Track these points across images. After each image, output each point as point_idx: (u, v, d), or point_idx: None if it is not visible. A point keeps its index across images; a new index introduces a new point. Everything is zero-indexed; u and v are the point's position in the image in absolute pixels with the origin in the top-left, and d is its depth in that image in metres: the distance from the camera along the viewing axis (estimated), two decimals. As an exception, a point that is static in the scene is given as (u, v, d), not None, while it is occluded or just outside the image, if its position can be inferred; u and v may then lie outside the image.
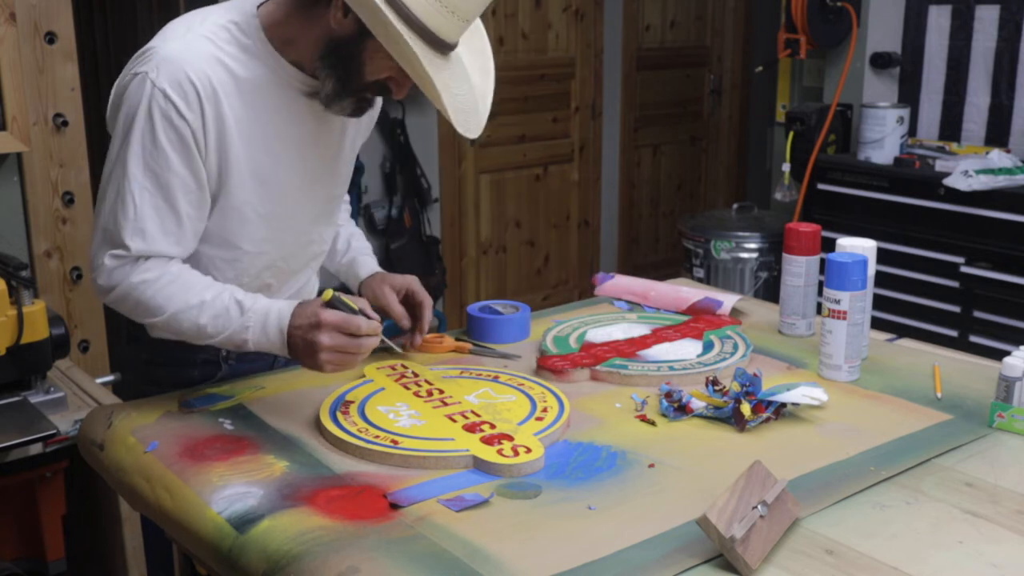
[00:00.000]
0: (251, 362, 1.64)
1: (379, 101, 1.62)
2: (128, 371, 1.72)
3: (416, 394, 1.52)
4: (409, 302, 1.69)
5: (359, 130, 1.66)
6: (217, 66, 1.42)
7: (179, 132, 1.40)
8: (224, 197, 1.48)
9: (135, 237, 1.42)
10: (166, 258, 1.46)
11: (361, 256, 1.77)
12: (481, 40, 1.52)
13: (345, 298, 1.43)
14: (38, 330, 1.93)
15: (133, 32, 4.43)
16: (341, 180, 1.66)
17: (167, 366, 1.65)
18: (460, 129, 1.40)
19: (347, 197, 1.81)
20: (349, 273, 1.77)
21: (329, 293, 1.43)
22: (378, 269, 1.75)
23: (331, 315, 1.41)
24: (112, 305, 1.49)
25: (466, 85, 1.43)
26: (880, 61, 3.63)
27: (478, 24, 1.50)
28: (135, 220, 1.42)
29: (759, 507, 1.10)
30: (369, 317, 1.43)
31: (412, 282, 1.69)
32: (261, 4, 1.47)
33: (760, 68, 4.25)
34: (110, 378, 2.31)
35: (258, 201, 1.51)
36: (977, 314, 3.18)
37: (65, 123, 2.60)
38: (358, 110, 1.49)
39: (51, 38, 2.56)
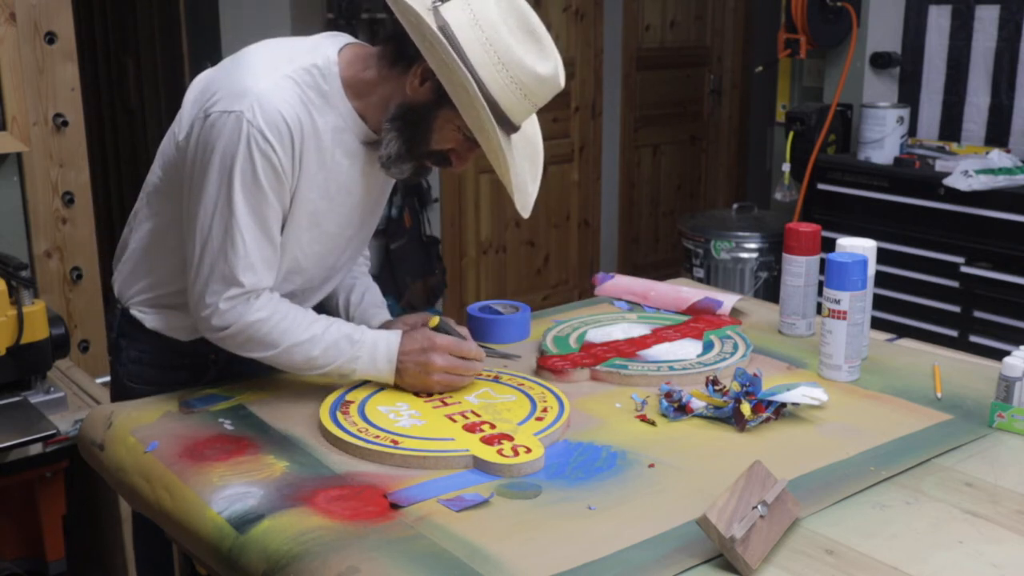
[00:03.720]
0: (240, 364, 1.64)
1: None
2: (116, 368, 1.71)
3: (416, 394, 1.52)
4: None
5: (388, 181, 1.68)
6: (303, 109, 1.44)
7: (275, 170, 1.42)
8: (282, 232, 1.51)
9: (247, 273, 1.45)
10: (269, 291, 1.49)
11: (370, 312, 1.75)
12: (534, 127, 1.57)
13: (452, 324, 1.55)
14: (38, 330, 1.93)
15: (133, 32, 4.43)
16: (376, 221, 1.69)
17: (156, 366, 1.65)
18: (521, 207, 1.50)
19: (367, 253, 1.84)
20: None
21: (436, 320, 1.53)
22: (380, 321, 1.73)
23: (444, 338, 1.49)
24: (219, 341, 1.51)
25: (521, 165, 1.49)
26: (880, 61, 3.63)
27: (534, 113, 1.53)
28: (245, 256, 1.44)
29: (759, 507, 1.10)
30: (473, 342, 1.54)
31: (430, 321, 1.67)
32: (344, 47, 1.49)
33: (760, 68, 4.25)
34: (110, 378, 2.31)
35: (307, 241, 1.53)
36: (977, 314, 3.18)
37: (65, 123, 2.60)
38: (415, 175, 1.52)
39: (51, 38, 2.56)
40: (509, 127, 1.42)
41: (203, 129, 1.43)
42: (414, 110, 1.43)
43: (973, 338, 3.18)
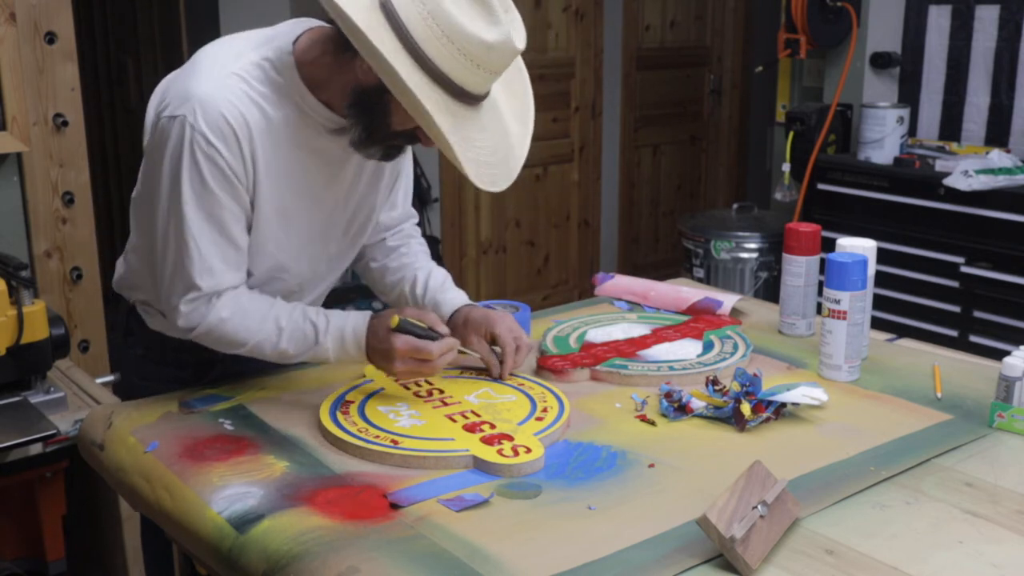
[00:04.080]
0: (245, 363, 1.64)
1: None
2: (123, 365, 1.72)
3: (416, 394, 1.52)
4: (496, 343, 1.64)
5: (392, 163, 1.63)
6: (251, 106, 1.42)
7: (223, 172, 1.41)
8: (251, 231, 1.50)
9: (203, 276, 1.45)
10: (234, 289, 1.49)
11: (440, 296, 1.72)
12: (522, 83, 1.53)
13: (412, 317, 1.49)
14: (38, 330, 1.93)
15: (133, 32, 4.43)
16: (367, 209, 1.65)
17: (161, 364, 1.65)
18: (480, 183, 1.38)
19: (416, 231, 1.81)
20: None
21: (396, 319, 1.47)
22: (458, 305, 1.69)
23: (402, 343, 1.46)
24: (195, 340, 1.51)
25: (496, 136, 1.42)
26: (880, 61, 3.63)
27: (520, 66, 1.50)
28: (200, 260, 1.44)
29: (759, 507, 1.10)
30: (440, 334, 1.49)
31: (495, 324, 1.63)
32: (298, 38, 1.47)
33: (760, 68, 4.25)
34: (110, 378, 2.31)
35: (283, 237, 1.52)
36: (977, 314, 3.18)
37: (65, 123, 2.60)
38: (387, 156, 1.50)
39: (51, 38, 2.56)
40: (469, 98, 1.36)
41: (155, 134, 1.44)
42: (368, 94, 1.39)
43: (973, 338, 3.18)
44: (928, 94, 3.62)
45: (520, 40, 1.36)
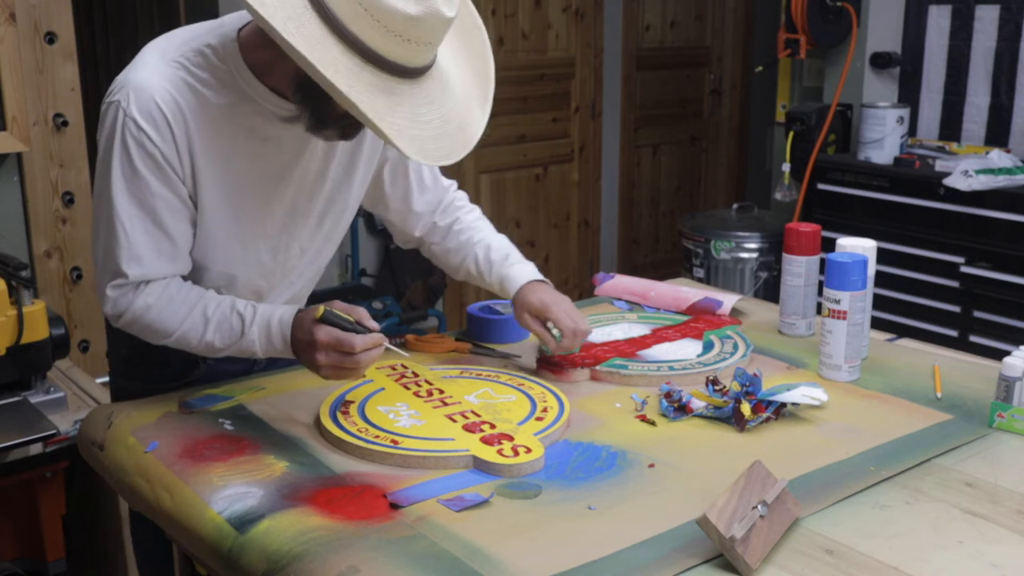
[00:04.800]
0: (230, 362, 1.63)
1: None
2: (111, 365, 1.72)
3: (416, 394, 1.52)
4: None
5: (372, 143, 1.60)
6: (188, 92, 1.41)
7: (153, 157, 1.40)
8: (199, 220, 1.48)
9: (131, 264, 1.43)
10: (165, 279, 1.47)
11: (505, 271, 1.71)
12: (480, 40, 1.47)
13: (339, 311, 1.42)
14: (38, 330, 1.93)
15: (133, 32, 4.43)
16: (340, 202, 1.61)
17: (144, 364, 1.64)
18: (427, 159, 1.33)
19: (461, 199, 1.77)
20: (503, 295, 1.72)
21: (321, 310, 1.41)
22: (523, 283, 1.68)
23: (325, 334, 1.40)
24: (123, 328, 1.50)
25: (444, 105, 1.36)
26: (880, 61, 3.63)
27: (476, 24, 1.46)
28: (128, 247, 1.43)
29: (759, 507, 1.10)
30: (368, 328, 1.42)
31: (549, 310, 1.63)
32: (244, 26, 1.45)
33: (760, 68, 4.25)
34: (109, 376, 2.31)
35: (232, 225, 1.50)
36: (977, 314, 3.18)
37: (65, 123, 2.60)
38: (345, 135, 1.45)
39: (51, 38, 2.56)
40: (407, 72, 1.30)
41: (99, 121, 1.45)
42: (308, 80, 1.32)
43: (973, 338, 3.18)
44: (928, 94, 3.62)
45: (449, 7, 1.29)
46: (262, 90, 1.43)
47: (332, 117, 1.39)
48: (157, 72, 1.41)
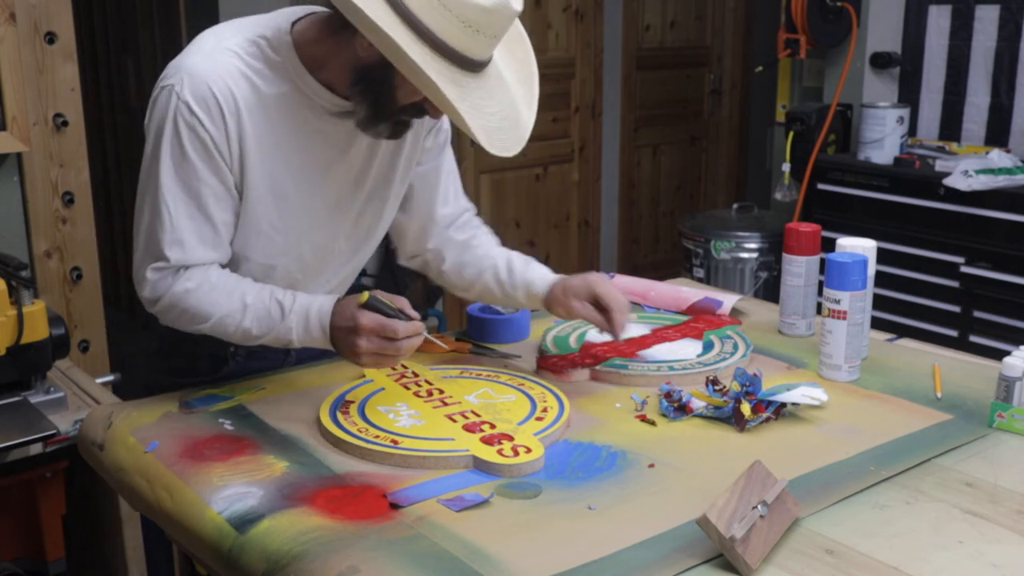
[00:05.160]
0: (259, 360, 1.64)
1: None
2: (137, 360, 1.71)
3: (416, 394, 1.52)
4: (599, 305, 1.62)
5: (412, 144, 1.62)
6: (241, 80, 1.42)
7: (203, 143, 1.41)
8: (242, 210, 1.49)
9: (174, 247, 1.44)
10: (205, 265, 1.47)
11: (530, 275, 1.70)
12: (524, 47, 1.50)
13: (383, 297, 1.43)
14: (38, 330, 1.93)
15: (133, 32, 4.43)
16: (378, 200, 1.62)
17: (176, 357, 1.65)
18: (493, 149, 1.37)
19: (479, 222, 1.78)
20: (529, 301, 1.71)
21: (366, 295, 1.43)
22: (552, 279, 1.67)
23: (368, 319, 1.41)
24: (159, 315, 1.50)
25: (503, 101, 1.41)
26: (880, 61, 3.63)
27: (520, 31, 1.49)
28: (172, 231, 1.43)
29: (759, 507, 1.10)
30: (409, 317, 1.43)
31: (595, 285, 1.62)
32: (297, 20, 1.47)
33: (760, 68, 4.25)
34: (110, 378, 2.31)
35: (276, 216, 1.51)
36: (977, 314, 3.18)
37: (65, 123, 2.60)
38: (395, 133, 1.48)
39: (51, 38, 2.56)
40: (472, 65, 1.35)
41: (149, 106, 1.45)
42: (371, 71, 1.38)
43: (973, 338, 3.18)
44: (928, 94, 3.62)
45: (517, 1, 1.34)
46: (314, 84, 1.45)
47: (388, 112, 1.42)
48: (212, 59, 1.41)
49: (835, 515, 1.20)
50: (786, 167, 3.70)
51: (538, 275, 1.69)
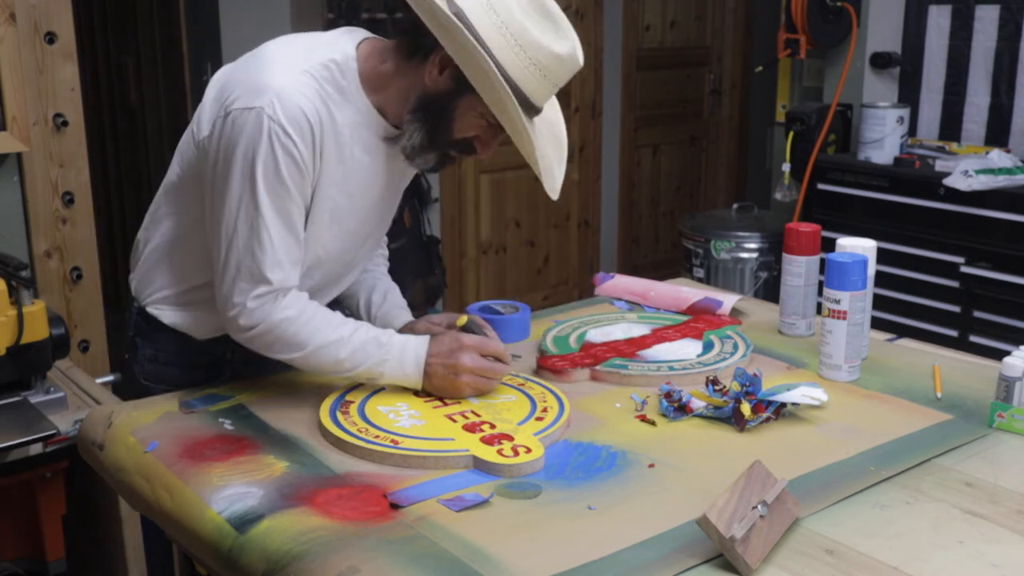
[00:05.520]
0: (255, 364, 1.64)
1: None
2: (130, 369, 1.71)
3: (416, 394, 1.52)
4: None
5: (409, 172, 1.65)
6: (321, 104, 1.43)
7: (297, 165, 1.41)
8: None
9: (275, 269, 1.43)
10: (296, 290, 1.48)
11: (395, 310, 1.72)
12: (554, 109, 1.57)
13: (479, 323, 1.52)
14: (38, 330, 1.93)
15: (133, 32, 4.43)
16: (392, 215, 1.68)
17: (172, 365, 1.65)
18: (547, 188, 1.49)
19: (383, 243, 1.81)
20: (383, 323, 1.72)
21: (464, 319, 1.50)
22: (406, 321, 1.70)
23: (471, 338, 1.48)
24: (247, 342, 1.49)
25: (547, 148, 1.49)
26: (880, 61, 3.63)
27: (553, 96, 1.52)
28: (272, 253, 1.43)
29: (759, 507, 1.10)
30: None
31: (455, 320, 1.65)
32: (361, 42, 1.48)
33: (760, 68, 4.25)
34: (110, 378, 2.31)
35: (328, 238, 1.52)
36: (977, 314, 3.18)
37: (65, 123, 2.60)
38: (439, 165, 1.51)
39: (51, 38, 2.56)
40: (531, 110, 1.41)
41: (224, 127, 1.42)
42: (435, 100, 1.42)
43: (973, 338, 3.18)
44: (928, 94, 3.62)
45: (582, 55, 1.41)
46: (368, 106, 1.47)
47: (441, 143, 1.46)
48: (297, 81, 1.42)
49: (835, 515, 1.20)
50: (786, 167, 3.70)
51: (396, 316, 1.70)
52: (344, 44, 1.47)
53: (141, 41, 4.36)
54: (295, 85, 1.41)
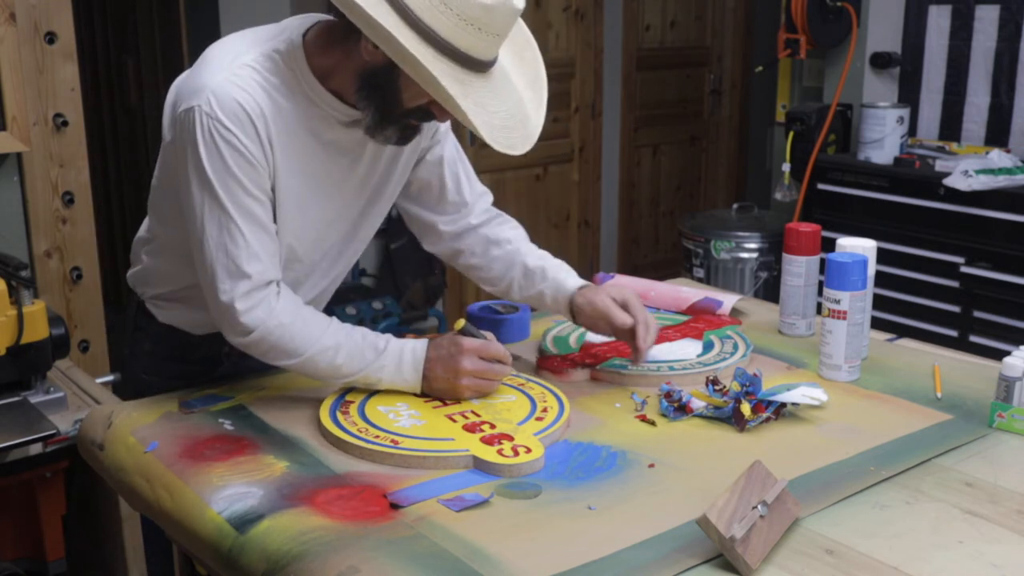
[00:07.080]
0: (252, 358, 1.64)
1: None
2: (129, 362, 1.71)
3: (416, 394, 1.52)
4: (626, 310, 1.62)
5: (410, 150, 1.62)
6: (262, 95, 1.42)
7: (243, 156, 1.40)
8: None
9: (252, 262, 1.42)
10: (290, 294, 1.47)
11: (560, 276, 1.69)
12: (532, 52, 1.51)
13: (475, 328, 1.51)
14: (38, 330, 1.93)
15: (133, 32, 4.43)
16: (380, 201, 1.63)
17: (169, 359, 1.65)
18: (498, 146, 1.37)
19: (498, 213, 1.77)
20: (555, 303, 1.69)
21: (461, 322, 1.49)
22: (581, 282, 1.68)
23: (470, 341, 1.47)
24: (244, 348, 1.48)
25: (509, 101, 1.41)
26: (880, 61, 3.63)
27: (528, 37, 1.49)
28: (246, 247, 1.42)
29: (759, 507, 1.10)
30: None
31: (629, 296, 1.62)
32: (308, 31, 1.47)
33: (760, 68, 4.25)
34: (110, 378, 2.30)
35: (298, 228, 1.51)
36: (977, 314, 3.18)
37: (65, 123, 2.60)
38: (403, 138, 1.48)
39: (51, 38, 2.56)
40: (477, 64, 1.35)
41: (175, 131, 1.43)
42: (377, 75, 1.39)
43: (973, 338, 3.18)
44: (928, 94, 3.62)
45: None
46: (324, 93, 1.45)
47: (395, 115, 1.42)
48: (233, 75, 1.41)
49: (835, 515, 1.20)
50: (786, 167, 3.70)
51: (566, 276, 1.68)
52: (291, 33, 1.46)
53: (141, 41, 4.36)
54: (231, 79, 1.40)
